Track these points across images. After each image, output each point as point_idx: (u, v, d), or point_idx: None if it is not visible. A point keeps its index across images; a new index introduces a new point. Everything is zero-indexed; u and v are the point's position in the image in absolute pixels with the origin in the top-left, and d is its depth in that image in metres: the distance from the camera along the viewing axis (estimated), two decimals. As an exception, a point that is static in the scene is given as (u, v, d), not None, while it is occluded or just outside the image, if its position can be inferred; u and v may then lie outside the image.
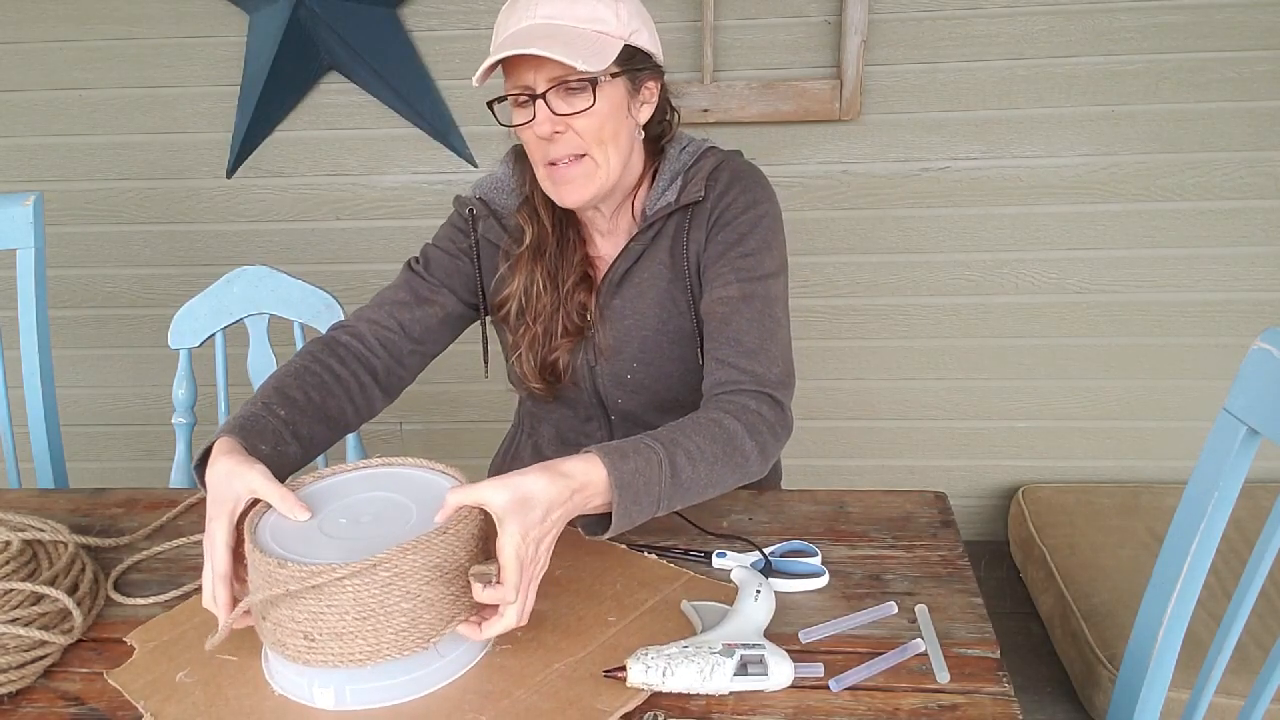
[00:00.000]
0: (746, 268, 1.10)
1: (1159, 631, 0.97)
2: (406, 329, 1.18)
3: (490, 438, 1.38)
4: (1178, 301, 2.20)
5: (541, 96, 1.03)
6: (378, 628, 0.78)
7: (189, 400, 1.53)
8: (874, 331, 2.28)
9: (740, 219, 1.12)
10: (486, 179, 1.23)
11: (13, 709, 0.83)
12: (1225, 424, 0.92)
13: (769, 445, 1.03)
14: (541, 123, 1.04)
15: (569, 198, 1.09)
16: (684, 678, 0.79)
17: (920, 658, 0.84)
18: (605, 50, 1.02)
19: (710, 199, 1.13)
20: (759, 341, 1.07)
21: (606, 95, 1.05)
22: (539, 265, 1.17)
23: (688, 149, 1.17)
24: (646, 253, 1.16)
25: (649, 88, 1.12)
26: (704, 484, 0.97)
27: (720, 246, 1.12)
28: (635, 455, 0.91)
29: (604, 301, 1.18)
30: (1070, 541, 2.03)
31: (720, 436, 0.98)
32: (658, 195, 1.15)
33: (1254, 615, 1.01)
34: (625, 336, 1.17)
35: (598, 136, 1.06)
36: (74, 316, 2.40)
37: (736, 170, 1.15)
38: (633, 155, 1.12)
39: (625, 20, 1.05)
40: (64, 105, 2.25)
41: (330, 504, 0.89)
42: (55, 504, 1.20)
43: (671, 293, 1.16)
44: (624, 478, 0.89)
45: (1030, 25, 2.04)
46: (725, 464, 0.98)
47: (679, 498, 0.95)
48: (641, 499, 0.90)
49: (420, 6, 2.12)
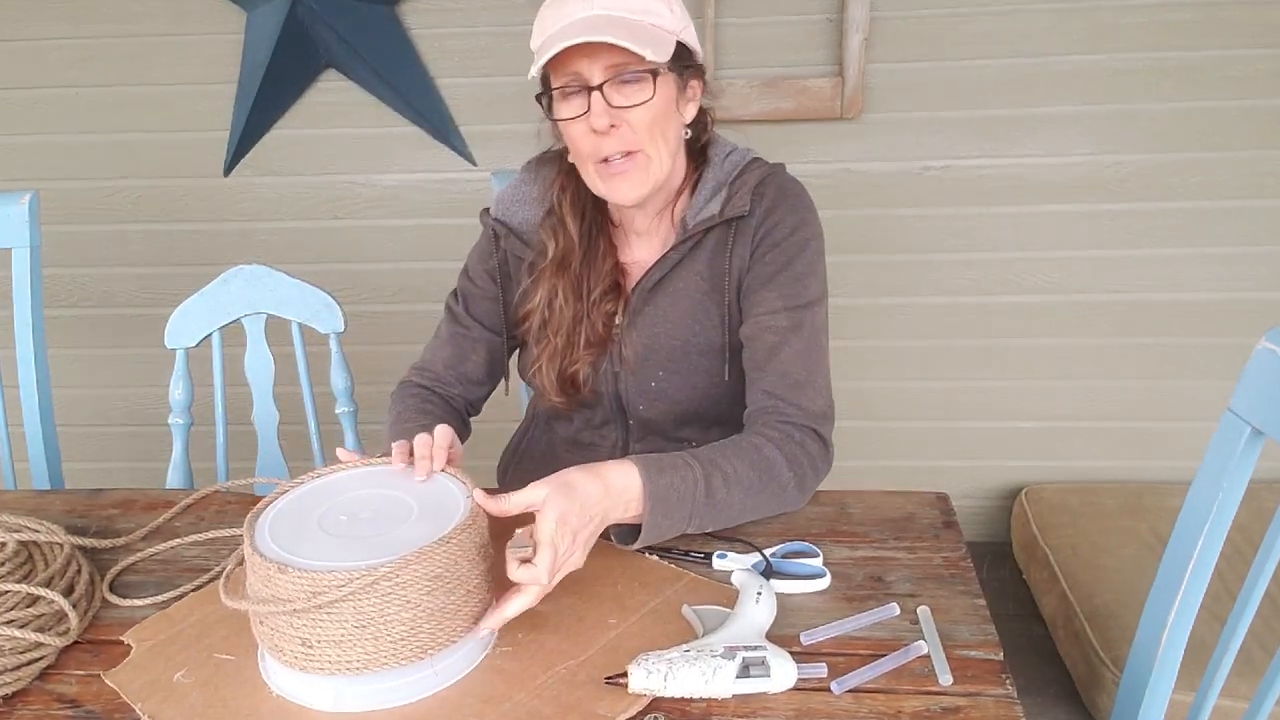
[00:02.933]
0: (794, 294, 1.09)
1: (1163, 633, 0.97)
2: (468, 378, 1.25)
3: (496, 438, 1.38)
4: (1181, 301, 2.19)
5: (598, 88, 1.01)
6: (376, 636, 0.78)
7: (186, 400, 1.52)
8: (875, 331, 2.28)
9: (788, 241, 1.10)
10: (506, 194, 1.21)
11: (9, 711, 0.83)
12: (1229, 424, 0.92)
13: (808, 479, 1.04)
14: (599, 115, 1.02)
15: (625, 195, 1.08)
16: (686, 682, 0.78)
17: (922, 659, 0.84)
18: (664, 43, 1.02)
19: (756, 215, 1.11)
20: (806, 374, 1.07)
21: (661, 89, 1.04)
22: (563, 277, 1.15)
23: (731, 157, 1.16)
24: (684, 262, 1.14)
25: (694, 86, 1.11)
26: (738, 509, 0.98)
27: (768, 268, 1.10)
28: (672, 470, 0.93)
29: (635, 308, 1.16)
30: (1073, 542, 2.02)
31: (760, 464, 0.99)
32: (700, 205, 1.13)
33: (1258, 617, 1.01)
34: (653, 345, 1.16)
35: (651, 131, 1.05)
36: (70, 316, 2.39)
37: (782, 186, 1.13)
38: (679, 155, 1.12)
39: (678, 15, 1.06)
40: (60, 103, 2.24)
41: (330, 501, 0.89)
42: (51, 505, 1.19)
43: (705, 305, 1.14)
44: (658, 491, 0.91)
45: (1032, 23, 2.03)
46: (761, 492, 0.99)
47: (711, 518, 0.96)
48: (673, 514, 0.93)
49: (419, 4, 2.12)
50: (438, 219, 2.27)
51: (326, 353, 1.54)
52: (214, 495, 1.20)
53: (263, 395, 1.54)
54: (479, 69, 2.15)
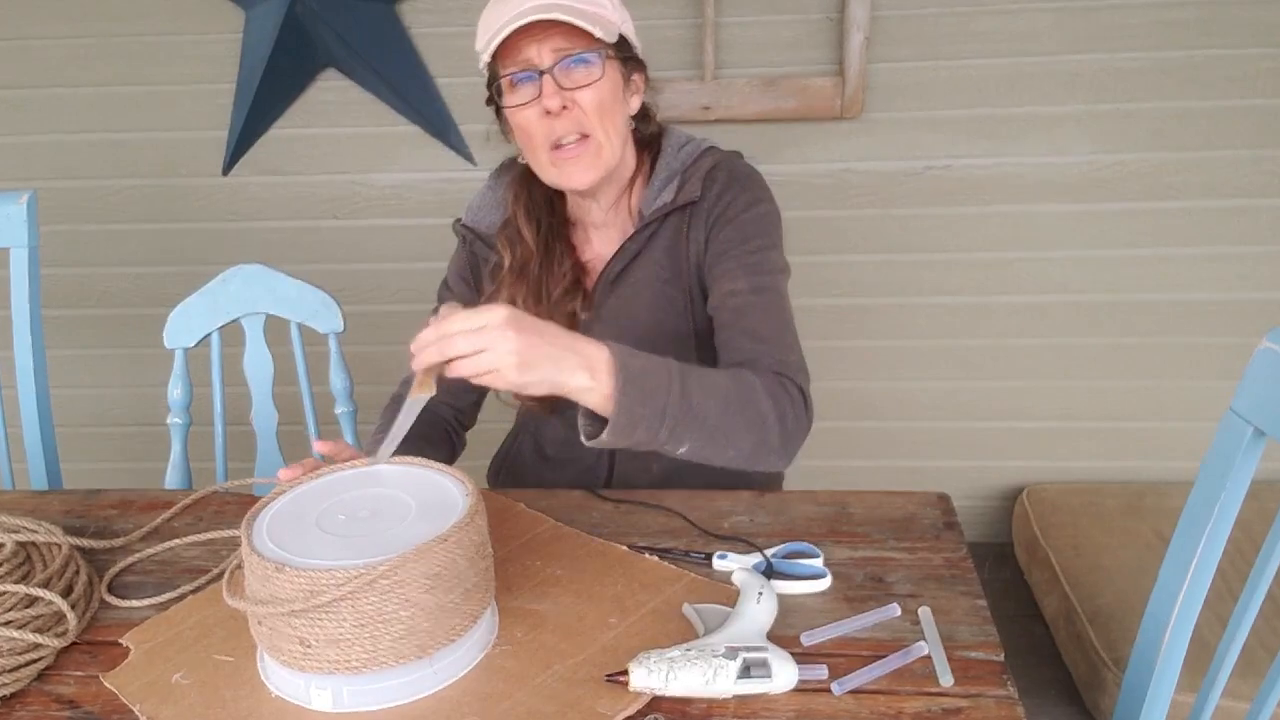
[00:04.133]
0: (754, 264, 1.10)
1: (1165, 634, 0.97)
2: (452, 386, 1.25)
3: (489, 439, 1.38)
4: (1182, 300, 2.19)
5: (549, 71, 1.04)
6: (375, 635, 0.77)
7: (184, 400, 1.52)
8: (876, 331, 2.27)
9: (743, 216, 1.12)
10: (474, 201, 1.25)
11: (7, 712, 0.83)
12: (1231, 424, 0.91)
13: (787, 419, 1.01)
14: (550, 96, 1.04)
15: (577, 178, 1.09)
16: (687, 681, 0.78)
17: (923, 660, 0.84)
18: (609, 27, 1.05)
19: (708, 199, 1.13)
20: (775, 332, 1.07)
21: (609, 72, 1.07)
22: (522, 284, 1.17)
23: (686, 148, 1.18)
24: (643, 252, 1.16)
25: (636, 79, 1.14)
26: (715, 423, 0.94)
27: (724, 244, 1.11)
28: (645, 358, 0.91)
29: (599, 300, 1.17)
30: (1075, 543, 2.02)
31: (739, 381, 0.97)
32: (654, 194, 1.15)
33: (1260, 618, 1.01)
34: (620, 336, 1.16)
35: (599, 114, 1.06)
36: (68, 316, 2.39)
37: (734, 171, 1.15)
38: (627, 144, 1.13)
39: (617, 8, 1.09)
40: (59, 102, 2.24)
41: (328, 500, 0.88)
42: (49, 505, 1.19)
43: (668, 293, 1.15)
44: (630, 370, 0.88)
45: (1033, 22, 2.03)
46: (740, 412, 0.96)
47: (687, 425, 0.92)
48: (647, 403, 0.89)
49: (419, 3, 2.11)
50: (437, 218, 2.26)
51: (325, 353, 1.53)
52: (213, 496, 1.20)
53: (262, 395, 1.54)
54: (478, 68, 2.15)
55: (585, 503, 1.11)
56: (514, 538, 1.03)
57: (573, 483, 1.24)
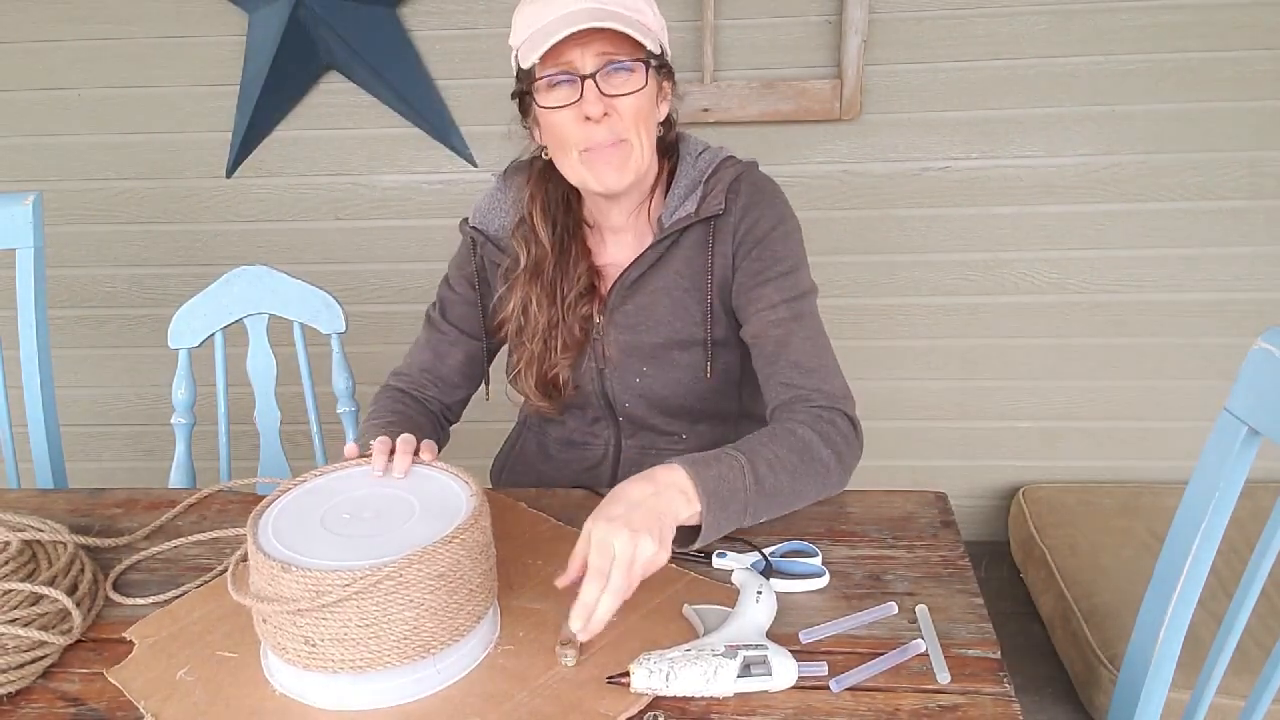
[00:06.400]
0: (789, 286, 1.11)
1: (1160, 632, 0.97)
2: (444, 380, 1.26)
3: (491, 438, 1.38)
4: (1178, 301, 2.20)
5: (591, 77, 1.03)
6: (380, 635, 0.78)
7: (188, 400, 1.53)
8: (874, 331, 2.28)
9: (770, 237, 1.12)
10: (482, 203, 1.23)
11: (12, 709, 0.83)
12: (1226, 424, 0.92)
13: (846, 456, 1.03)
14: (592, 102, 1.03)
15: (609, 181, 1.08)
16: (688, 681, 0.79)
17: (921, 658, 0.84)
18: (652, 37, 1.05)
19: (733, 213, 1.12)
20: (818, 361, 1.08)
21: (650, 80, 1.07)
22: (536, 284, 1.16)
23: (704, 155, 1.17)
24: (662, 260, 1.15)
25: (666, 87, 1.13)
26: (788, 493, 0.97)
27: (757, 265, 1.11)
28: (717, 463, 0.92)
29: (613, 305, 1.17)
30: (1071, 542, 2.03)
31: (798, 446, 0.99)
32: (675, 203, 1.14)
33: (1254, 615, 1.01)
34: (634, 341, 1.17)
35: (636, 121, 1.06)
36: (73, 316, 2.40)
37: (756, 184, 1.15)
38: (654, 151, 1.13)
39: (657, 17, 1.09)
40: (63, 105, 2.24)
41: (332, 500, 0.89)
42: (54, 504, 1.20)
43: (685, 302, 1.15)
44: (708, 484, 0.90)
45: (1031, 25, 2.04)
46: (806, 474, 0.98)
47: (765, 506, 0.95)
48: (729, 505, 0.91)
49: (420, 6, 2.12)
50: (438, 219, 2.27)
51: (328, 353, 1.54)
52: (216, 495, 1.21)
53: (265, 395, 1.55)
54: (479, 70, 2.16)
55: (586, 502, 1.12)
56: (515, 537, 1.04)
57: (577, 481, 1.25)
